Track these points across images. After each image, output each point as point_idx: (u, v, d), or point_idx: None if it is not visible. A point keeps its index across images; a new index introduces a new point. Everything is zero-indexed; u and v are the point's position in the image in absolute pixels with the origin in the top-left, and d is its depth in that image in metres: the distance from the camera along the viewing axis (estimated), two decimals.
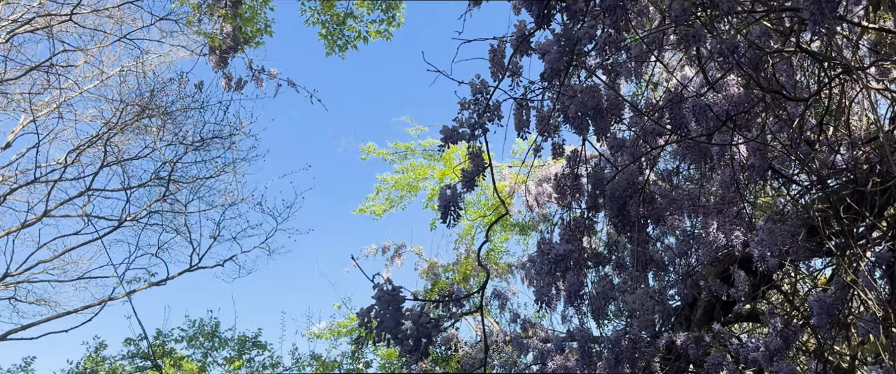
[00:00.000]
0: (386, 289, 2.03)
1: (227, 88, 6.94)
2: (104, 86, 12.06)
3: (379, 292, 2.04)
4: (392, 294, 2.03)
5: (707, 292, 5.85)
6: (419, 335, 2.06)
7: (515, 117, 3.56)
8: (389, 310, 2.01)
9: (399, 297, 2.04)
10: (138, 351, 9.55)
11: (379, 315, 2.04)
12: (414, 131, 13.32)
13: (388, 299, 2.02)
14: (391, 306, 2.01)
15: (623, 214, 3.55)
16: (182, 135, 11.54)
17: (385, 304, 2.02)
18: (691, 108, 3.46)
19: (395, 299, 2.03)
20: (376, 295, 2.04)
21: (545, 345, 7.71)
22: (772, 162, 4.77)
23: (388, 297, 2.03)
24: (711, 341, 5.73)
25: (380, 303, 2.03)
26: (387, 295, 2.03)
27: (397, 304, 2.03)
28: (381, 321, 2.02)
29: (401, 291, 2.05)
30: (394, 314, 2.01)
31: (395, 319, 2.01)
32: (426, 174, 13.52)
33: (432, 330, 2.05)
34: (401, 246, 13.09)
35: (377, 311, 2.05)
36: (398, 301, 2.03)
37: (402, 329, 2.03)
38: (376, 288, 2.04)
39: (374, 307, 2.05)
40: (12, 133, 11.52)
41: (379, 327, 2.03)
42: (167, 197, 11.60)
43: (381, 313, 2.03)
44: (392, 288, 2.04)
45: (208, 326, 10.23)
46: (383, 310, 2.02)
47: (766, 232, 4.54)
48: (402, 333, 2.04)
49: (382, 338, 2.03)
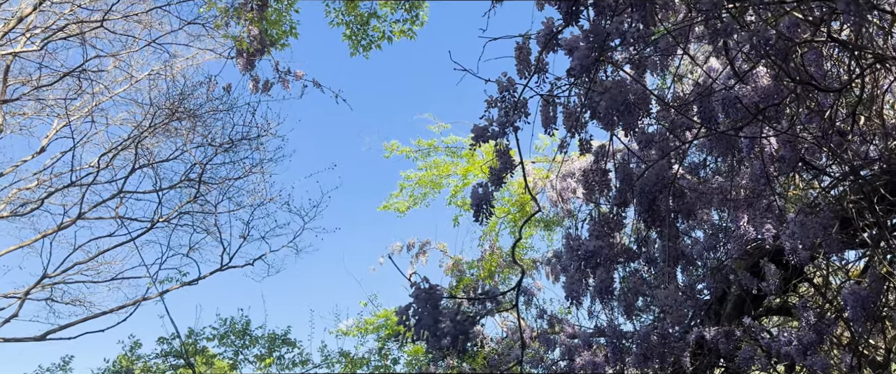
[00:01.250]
0: (423, 287, 2.07)
1: (254, 90, 7.03)
2: (134, 90, 12.31)
3: (416, 290, 2.08)
4: (429, 292, 2.06)
5: (737, 286, 5.80)
6: (456, 332, 2.09)
7: (542, 114, 3.56)
8: (427, 308, 2.04)
9: (436, 295, 2.07)
10: (171, 350, 9.74)
11: (417, 313, 2.07)
12: (437, 129, 13.34)
13: (425, 298, 2.06)
14: (429, 305, 2.05)
15: (653, 209, 3.54)
16: (211, 137, 11.74)
17: (423, 302, 2.06)
18: (720, 100, 3.44)
19: (432, 298, 2.06)
20: (414, 294, 2.08)
21: (572, 341, 7.70)
22: (802, 154, 4.71)
23: (425, 295, 2.06)
24: (742, 335, 5.68)
25: (418, 301, 2.07)
26: (424, 293, 2.06)
27: (435, 302, 2.06)
28: (419, 319, 2.06)
29: (438, 289, 2.09)
30: (432, 312, 2.04)
31: (433, 317, 2.04)
32: (449, 171, 13.54)
33: (469, 327, 2.08)
34: (425, 243, 13.14)
35: (415, 309, 2.08)
36: (436, 299, 2.06)
37: (441, 327, 2.07)
38: (414, 286, 2.08)
39: (412, 305, 2.09)
40: (46, 138, 11.80)
41: (417, 324, 2.06)
42: (198, 198, 11.80)
43: (420, 311, 2.06)
44: (429, 287, 2.07)
45: (239, 324, 10.39)
46: (421, 308, 2.06)
47: (797, 225, 4.48)
48: (440, 330, 2.07)
49: (421, 336, 2.07)
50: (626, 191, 3.59)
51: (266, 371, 10.21)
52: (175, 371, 9.86)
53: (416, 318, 2.07)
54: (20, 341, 10.66)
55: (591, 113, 3.52)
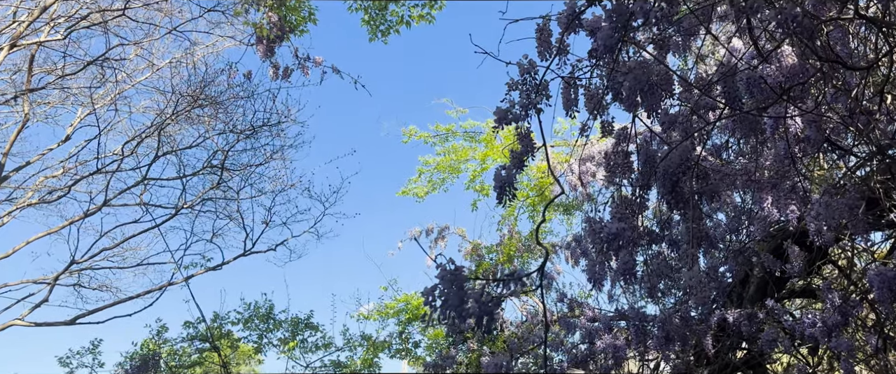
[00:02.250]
0: (449, 268, 2.09)
1: (274, 76, 7.06)
2: (156, 78, 12.44)
3: (442, 271, 2.10)
4: (455, 273, 2.09)
5: (760, 268, 5.76)
6: (481, 312, 2.11)
7: (563, 96, 3.55)
8: (453, 289, 2.07)
9: (462, 276, 2.09)
10: (197, 334, 9.91)
11: (443, 294, 2.09)
12: (455, 114, 13.32)
13: (451, 279, 2.08)
14: (454, 286, 2.07)
15: (676, 190, 3.52)
16: (232, 124, 11.84)
17: (448, 283, 2.08)
18: (744, 80, 3.40)
19: (458, 279, 2.08)
20: (440, 274, 2.10)
21: (592, 324, 7.70)
22: (828, 134, 4.64)
23: (451, 276, 2.08)
24: (765, 317, 5.65)
25: (443, 282, 2.09)
26: (450, 275, 2.08)
27: (460, 283, 2.08)
28: (445, 299, 2.08)
29: (463, 270, 2.11)
30: (458, 293, 2.06)
31: (459, 297, 2.06)
32: (468, 156, 13.53)
33: (494, 308, 2.10)
34: (444, 228, 13.17)
35: (441, 290, 2.10)
36: (461, 280, 2.08)
37: (466, 307, 2.09)
38: (439, 267, 2.10)
39: (438, 286, 2.11)
40: (71, 126, 11.97)
41: (443, 305, 2.09)
42: (220, 185, 11.93)
43: (445, 291, 2.08)
44: (455, 267, 2.09)
45: (263, 308, 10.54)
46: (447, 289, 2.08)
47: (822, 205, 4.43)
48: (466, 311, 2.09)
49: (447, 316, 2.10)
50: (649, 173, 3.57)
51: (290, 355, 10.37)
52: (201, 355, 10.05)
53: (442, 299, 2.09)
54: (51, 325, 10.93)
55: (613, 95, 3.51)
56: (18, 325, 10.70)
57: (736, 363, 6.34)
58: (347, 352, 10.95)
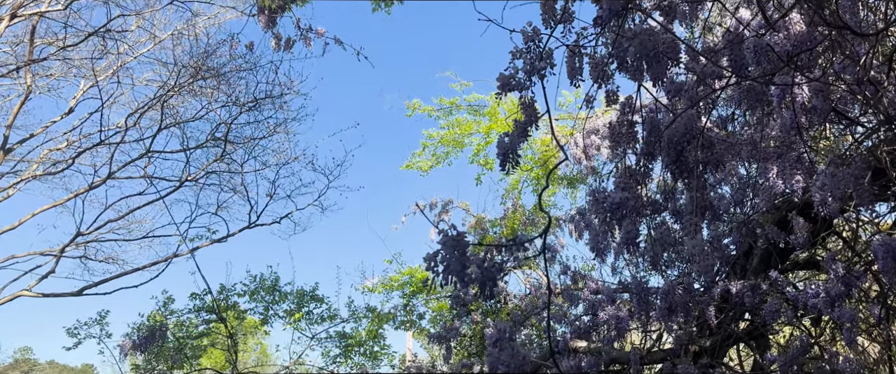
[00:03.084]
0: (451, 234, 2.08)
1: (276, 47, 7.00)
2: (158, 49, 12.37)
3: (444, 237, 2.09)
4: (457, 239, 2.08)
5: (764, 239, 5.75)
6: (484, 278, 2.11)
7: (568, 65, 3.51)
8: (455, 255, 2.06)
9: (463, 241, 2.08)
10: (204, 305, 10.00)
11: (445, 259, 2.09)
12: (459, 87, 13.25)
13: (452, 244, 2.07)
14: (456, 251, 2.07)
15: (680, 160, 3.49)
16: (235, 96, 11.80)
17: (450, 248, 2.08)
18: (751, 48, 3.36)
19: (459, 244, 2.08)
20: (441, 240, 2.10)
21: (596, 297, 7.74)
22: (835, 104, 4.60)
23: (453, 242, 2.08)
24: (768, 288, 5.66)
25: (445, 248, 2.09)
26: (452, 240, 2.08)
27: (462, 248, 2.08)
28: (447, 265, 2.08)
29: (465, 236, 2.10)
30: (459, 258, 2.06)
31: (461, 262, 2.06)
32: (472, 130, 13.48)
33: (496, 273, 2.10)
34: (448, 202, 13.18)
35: (443, 255, 2.10)
36: (463, 246, 2.08)
37: (468, 273, 2.09)
38: (441, 233, 2.10)
39: (440, 252, 2.11)
40: (74, 99, 11.96)
41: (445, 270, 2.09)
42: (224, 157, 11.94)
43: (447, 257, 2.08)
44: (457, 233, 2.09)
45: (269, 281, 10.62)
46: (449, 254, 2.08)
47: (828, 176, 4.40)
48: (468, 276, 2.09)
49: (449, 281, 2.10)
50: (654, 142, 3.54)
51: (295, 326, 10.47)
52: (208, 326, 10.15)
53: (444, 264, 2.09)
54: (58, 296, 11.05)
55: (618, 63, 3.46)
56: (26, 296, 10.83)
57: (738, 334, 6.37)
58: (353, 323, 11.06)
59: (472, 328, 10.95)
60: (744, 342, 6.63)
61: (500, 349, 3.84)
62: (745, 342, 6.68)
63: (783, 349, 6.56)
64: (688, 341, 6.33)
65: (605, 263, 8.29)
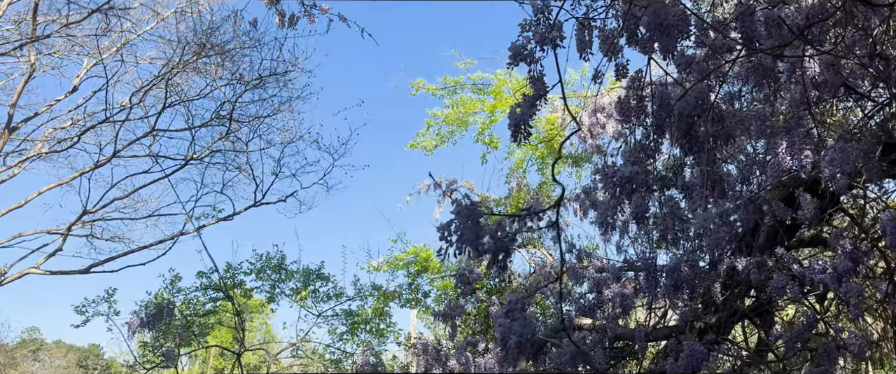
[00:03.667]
0: (465, 204, 2.08)
1: (280, 24, 6.94)
2: (161, 27, 12.29)
3: (458, 206, 2.09)
4: (471, 208, 2.07)
5: (770, 216, 5.73)
6: (497, 248, 2.11)
7: (577, 38, 3.47)
8: (468, 224, 2.06)
9: (477, 211, 2.08)
10: (210, 283, 10.05)
11: (459, 229, 2.09)
12: (463, 65, 13.16)
13: (466, 214, 2.07)
14: (470, 221, 2.06)
15: (690, 134, 3.47)
16: (239, 73, 11.74)
17: (464, 218, 2.07)
18: (763, 20, 3.32)
19: (473, 214, 2.07)
20: (456, 210, 2.09)
21: (601, 275, 7.75)
22: (845, 78, 4.56)
23: (466, 211, 2.07)
24: (774, 265, 5.66)
25: (459, 217, 2.08)
26: (466, 210, 2.07)
27: (476, 218, 2.07)
28: (461, 234, 2.07)
29: (479, 206, 2.09)
30: (473, 228, 2.05)
31: (475, 232, 2.05)
32: (476, 108, 13.42)
33: (509, 244, 2.09)
34: (452, 182, 13.16)
35: (457, 225, 2.10)
36: (477, 215, 2.07)
37: (481, 242, 2.08)
38: (455, 203, 2.09)
39: (454, 221, 2.10)
40: (78, 77, 11.92)
41: (459, 240, 2.08)
42: (229, 135, 11.92)
43: (461, 226, 2.08)
44: (470, 203, 2.08)
45: (275, 259, 10.67)
46: (463, 224, 2.07)
47: (838, 151, 4.38)
48: (481, 246, 2.09)
49: (463, 251, 2.09)
50: (664, 116, 3.52)
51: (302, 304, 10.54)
52: (215, 304, 10.21)
53: (457, 234, 2.08)
54: (66, 273, 11.13)
55: (628, 37, 3.43)
56: (34, 273, 10.90)
57: (744, 311, 6.38)
58: (358, 302, 11.13)
59: (477, 306, 11.00)
60: (749, 318, 6.65)
61: (512, 320, 3.84)
62: (750, 319, 6.70)
63: (788, 325, 6.58)
64: (693, 317, 6.35)
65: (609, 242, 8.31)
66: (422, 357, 7.99)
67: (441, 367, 7.63)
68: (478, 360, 7.80)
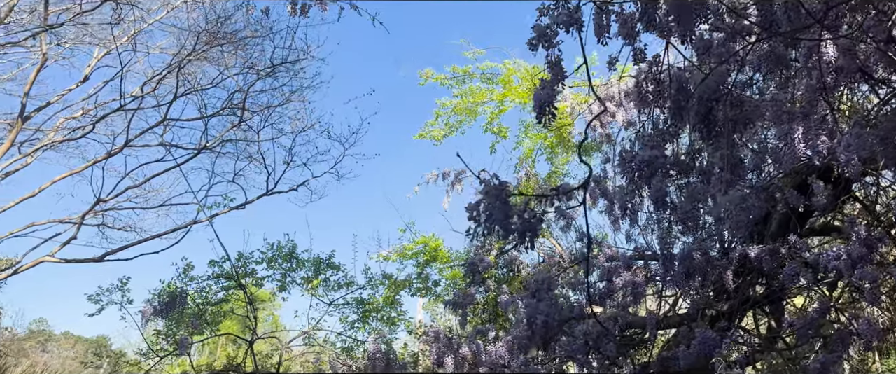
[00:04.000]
0: (493, 183, 2.09)
1: (292, 12, 6.95)
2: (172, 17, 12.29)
3: (486, 186, 2.10)
4: (499, 188, 2.09)
5: (783, 204, 5.72)
6: (524, 228, 2.12)
7: (595, 22, 3.48)
8: (497, 204, 2.07)
9: (506, 191, 2.09)
10: (223, 272, 10.11)
11: (488, 209, 2.10)
12: (472, 55, 13.13)
13: (495, 194, 2.08)
14: (499, 201, 2.07)
15: (709, 118, 3.48)
16: (252, 61, 11.74)
17: (493, 198, 2.08)
18: (781, 4, 3.31)
19: (502, 193, 2.09)
20: (484, 190, 2.10)
21: (611, 263, 7.76)
22: (862, 64, 4.54)
23: (495, 191, 2.08)
24: (787, 253, 5.65)
25: (488, 197, 2.10)
26: (494, 189, 2.09)
27: (505, 198, 2.08)
28: (490, 213, 2.09)
29: (508, 185, 2.11)
30: (502, 208, 2.07)
31: (504, 212, 2.07)
32: (485, 98, 13.40)
33: (537, 225, 2.11)
34: (461, 172, 13.17)
35: (486, 205, 2.11)
36: (506, 195, 2.09)
37: (510, 222, 2.10)
38: (483, 183, 2.10)
39: (482, 201, 2.12)
40: (89, 67, 11.96)
41: (488, 219, 2.10)
42: (241, 124, 11.95)
43: (490, 206, 2.09)
44: (499, 183, 2.09)
45: (286, 248, 10.71)
46: (491, 204, 2.09)
47: (853, 137, 4.38)
48: (510, 225, 2.10)
49: (493, 230, 2.11)
50: (682, 101, 3.52)
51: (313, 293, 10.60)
52: (227, 293, 10.28)
53: (486, 213, 2.10)
54: (80, 262, 11.22)
55: (647, 21, 3.43)
56: (49, 261, 10.99)
57: (756, 298, 6.38)
58: (369, 290, 11.19)
59: (486, 296, 11.04)
60: (761, 306, 6.65)
61: (538, 300, 3.85)
62: (762, 307, 6.70)
63: (800, 312, 6.58)
64: (705, 305, 6.35)
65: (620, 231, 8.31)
66: (434, 345, 8.04)
67: (454, 354, 7.67)
68: (488, 348, 7.83)
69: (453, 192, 13.27)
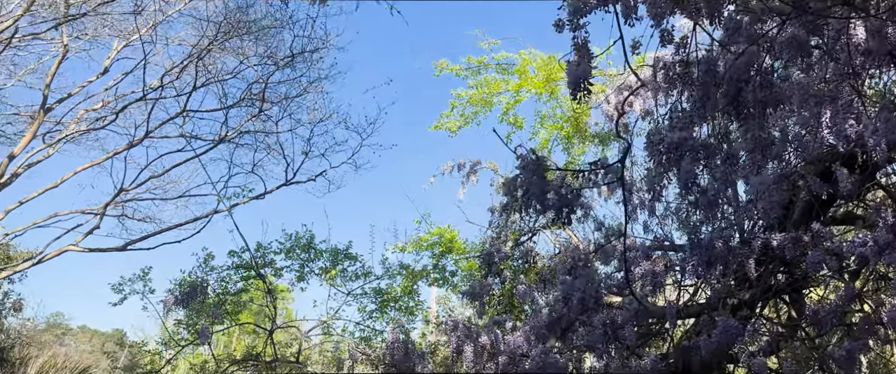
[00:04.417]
0: (530, 158, 2.08)
1: (311, 0, 6.98)
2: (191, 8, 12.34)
3: (523, 161, 2.09)
4: (537, 163, 2.08)
5: (806, 191, 5.66)
6: (561, 204, 2.11)
7: (622, 3, 3.45)
8: (534, 179, 2.06)
9: (544, 165, 2.08)
10: (242, 262, 10.18)
11: (524, 183, 2.09)
12: (487, 46, 13.08)
13: (533, 169, 2.07)
14: (536, 176, 2.06)
15: (738, 100, 3.44)
16: (271, 51, 11.78)
17: (530, 173, 2.08)
18: None
19: (540, 168, 2.08)
20: (521, 165, 2.09)
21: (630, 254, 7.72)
22: (892, 47, 4.47)
23: (533, 166, 2.07)
24: (810, 241, 5.59)
25: (525, 172, 2.09)
26: (532, 164, 2.08)
27: (542, 173, 2.07)
28: (527, 189, 2.08)
29: (545, 160, 2.10)
30: (539, 183, 2.06)
31: (541, 187, 2.06)
32: (500, 88, 13.35)
33: (574, 201, 2.10)
34: (476, 163, 13.14)
35: (523, 179, 2.10)
36: (543, 170, 2.08)
37: (547, 198, 2.09)
38: (520, 158, 2.09)
39: (520, 176, 2.11)
40: (108, 59, 12.06)
41: (525, 195, 2.09)
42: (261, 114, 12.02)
43: (527, 181, 2.08)
44: (536, 158, 2.08)
45: (304, 239, 10.78)
46: (528, 179, 2.08)
47: (882, 120, 4.32)
48: (547, 201, 2.09)
49: (530, 205, 2.10)
50: (710, 83, 3.49)
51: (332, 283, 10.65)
52: (246, 283, 10.35)
53: (523, 188, 2.09)
54: (103, 251, 11.38)
55: (675, 1, 3.40)
56: (73, 250, 11.15)
57: (779, 287, 6.32)
58: (387, 280, 11.23)
59: (502, 288, 11.05)
60: (782, 294, 6.59)
61: (574, 277, 3.83)
62: (786, 294, 6.64)
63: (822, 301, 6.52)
64: (726, 294, 6.31)
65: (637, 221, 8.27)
66: (453, 334, 8.06)
67: (473, 343, 7.68)
68: (506, 338, 7.83)
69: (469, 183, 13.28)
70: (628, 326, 7.27)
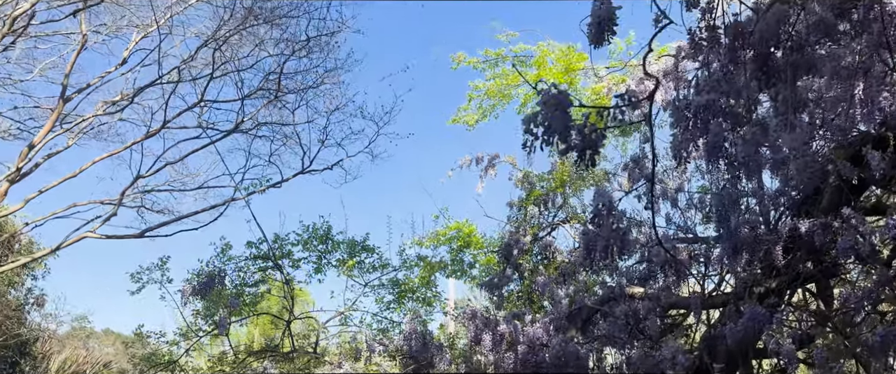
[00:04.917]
0: (552, 93, 1.96)
1: None
2: None
3: (545, 96, 1.97)
4: (559, 97, 1.96)
5: (835, 176, 5.46)
6: (584, 146, 2.00)
7: None
8: (556, 114, 1.95)
9: (566, 100, 1.96)
10: (260, 253, 10.16)
11: (545, 119, 1.97)
12: (505, 38, 12.96)
13: (554, 103, 1.96)
14: (558, 111, 1.95)
15: (768, 64, 3.29)
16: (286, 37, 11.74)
17: (552, 107, 1.96)
18: None
19: (562, 103, 1.96)
20: (542, 100, 1.98)
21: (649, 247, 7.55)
22: None
23: (554, 100, 1.96)
24: (840, 227, 5.40)
25: (546, 107, 1.97)
26: (553, 99, 1.96)
27: (564, 108, 1.96)
28: (548, 125, 1.96)
29: (568, 95, 1.98)
30: (562, 118, 1.94)
31: (563, 122, 1.94)
32: (518, 81, 13.22)
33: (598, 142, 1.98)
34: (494, 157, 13.01)
35: (544, 115, 1.99)
36: (566, 104, 1.96)
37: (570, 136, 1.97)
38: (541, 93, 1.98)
39: (540, 112, 1.99)
40: (127, 50, 12.13)
41: (546, 131, 1.98)
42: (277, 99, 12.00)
43: (548, 116, 1.97)
44: (558, 92, 1.96)
45: (321, 230, 10.74)
46: (549, 114, 1.96)
47: None
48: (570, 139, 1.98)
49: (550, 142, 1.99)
50: (737, 47, 3.34)
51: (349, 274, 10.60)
52: (263, 273, 10.33)
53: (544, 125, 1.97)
54: (121, 237, 11.46)
55: None
56: (91, 237, 11.23)
57: (809, 273, 6.12)
58: (404, 272, 11.15)
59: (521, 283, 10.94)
60: (814, 281, 6.39)
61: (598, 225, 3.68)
62: (814, 282, 6.44)
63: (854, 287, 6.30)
64: (752, 283, 6.12)
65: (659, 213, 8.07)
66: (471, 323, 7.96)
67: (491, 332, 7.57)
68: (526, 329, 7.71)
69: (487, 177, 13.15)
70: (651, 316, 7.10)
